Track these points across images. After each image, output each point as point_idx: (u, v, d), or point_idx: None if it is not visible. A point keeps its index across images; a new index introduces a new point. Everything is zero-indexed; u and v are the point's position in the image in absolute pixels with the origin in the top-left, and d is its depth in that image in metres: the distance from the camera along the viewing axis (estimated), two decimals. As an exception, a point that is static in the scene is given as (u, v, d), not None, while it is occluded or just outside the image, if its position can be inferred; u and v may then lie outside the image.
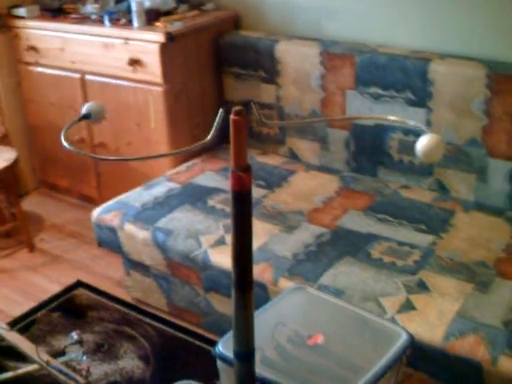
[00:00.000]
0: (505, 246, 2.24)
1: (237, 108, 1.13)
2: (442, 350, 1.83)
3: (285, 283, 2.15)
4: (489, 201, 2.53)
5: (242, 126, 1.14)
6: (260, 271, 2.21)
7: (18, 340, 1.98)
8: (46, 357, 1.86)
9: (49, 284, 2.90)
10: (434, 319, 1.91)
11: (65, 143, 1.27)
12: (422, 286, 2.05)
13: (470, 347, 1.82)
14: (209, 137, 1.24)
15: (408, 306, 1.97)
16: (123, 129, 3.12)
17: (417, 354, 1.80)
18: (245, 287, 1.22)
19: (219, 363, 1.45)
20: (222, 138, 3.22)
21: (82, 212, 3.44)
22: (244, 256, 1.20)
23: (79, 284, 2.88)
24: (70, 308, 2.74)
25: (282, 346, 1.48)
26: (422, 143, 1.26)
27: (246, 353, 1.28)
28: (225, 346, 1.45)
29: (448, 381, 1.87)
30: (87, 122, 3.16)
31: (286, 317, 1.52)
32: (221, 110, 1.19)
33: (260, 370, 1.32)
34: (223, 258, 2.30)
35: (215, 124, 1.19)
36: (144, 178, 2.99)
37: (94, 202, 3.45)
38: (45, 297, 2.81)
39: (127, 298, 2.77)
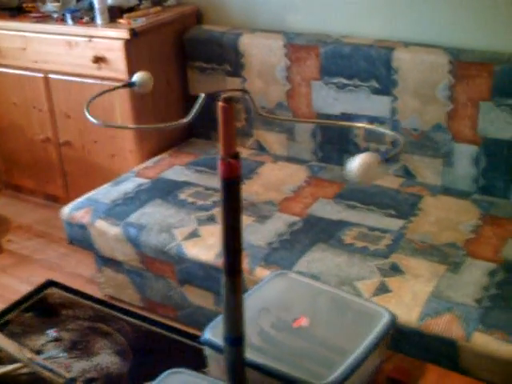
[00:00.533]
0: (473, 227, 2.29)
1: (226, 95, 1.14)
2: (418, 330, 1.88)
3: (261, 272, 2.17)
4: (455, 184, 2.59)
5: (231, 114, 1.15)
6: (235, 261, 2.23)
7: (-1, 339, 1.96)
8: (29, 354, 1.85)
9: (19, 284, 2.88)
10: (408, 300, 1.95)
11: (89, 116, 1.28)
12: (396, 269, 2.09)
13: (445, 326, 1.86)
14: (189, 118, 1.25)
15: (383, 289, 2.01)
16: (89, 127, 3.10)
17: (394, 334, 1.84)
18: (234, 272, 1.24)
19: (207, 350, 1.46)
20: (189, 132, 3.25)
21: (48, 212, 3.42)
22: (234, 241, 1.21)
23: (50, 283, 2.86)
24: (42, 307, 2.71)
25: (266, 332, 1.49)
26: (356, 163, 1.13)
27: (236, 337, 1.29)
28: (212, 333, 1.46)
29: (425, 359, 1.92)
30: (52, 120, 3.18)
31: (269, 302, 1.53)
32: (202, 94, 1.20)
33: (248, 354, 1.33)
34: (198, 251, 2.31)
35: (196, 107, 1.21)
36: (110, 175, 2.99)
37: (61, 202, 3.42)
38: (16, 297, 2.77)
39: (100, 295, 2.76)
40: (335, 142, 2.82)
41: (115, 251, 2.54)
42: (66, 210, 2.64)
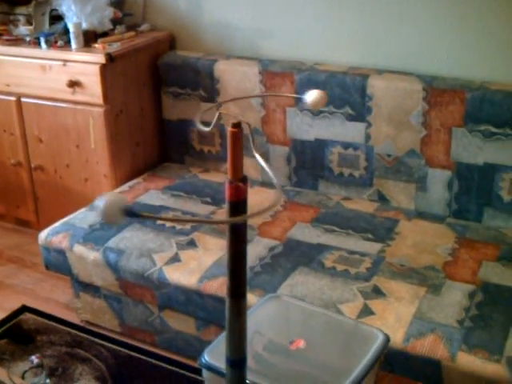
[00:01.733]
0: (450, 250, 2.35)
1: (235, 121, 1.17)
2: (403, 351, 1.92)
3: (244, 296, 2.19)
4: (429, 209, 2.65)
5: (240, 138, 1.18)
6: (218, 286, 2.24)
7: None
8: (19, 381, 1.83)
9: (-8, 311, 2.84)
10: (393, 322, 1.99)
11: (200, 126, 1.30)
12: (378, 292, 2.13)
13: (430, 346, 1.91)
14: (209, 128, 1.30)
15: (367, 311, 2.05)
16: (61, 151, 3.09)
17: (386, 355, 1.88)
18: (239, 295, 1.26)
19: (206, 373, 1.48)
20: (163, 156, 3.26)
21: (19, 237, 3.37)
22: (239, 264, 1.24)
23: (25, 309, 2.82)
24: (17, 333, 2.67)
25: (260, 354, 1.52)
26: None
27: (238, 360, 1.31)
28: (211, 356, 1.48)
29: (411, 378, 1.96)
30: (24, 144, 3.15)
31: (262, 325, 1.55)
32: (219, 110, 1.25)
33: (247, 377, 1.35)
34: (180, 275, 2.32)
35: (214, 119, 1.26)
36: (83, 200, 2.98)
37: (32, 227, 3.40)
38: (-11, 324, 2.74)
39: (76, 321, 2.73)
40: (309, 166, 2.87)
41: (94, 276, 2.53)
42: (43, 235, 2.62)
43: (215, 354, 1.47)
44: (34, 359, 2.06)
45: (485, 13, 2.52)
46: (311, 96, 1.43)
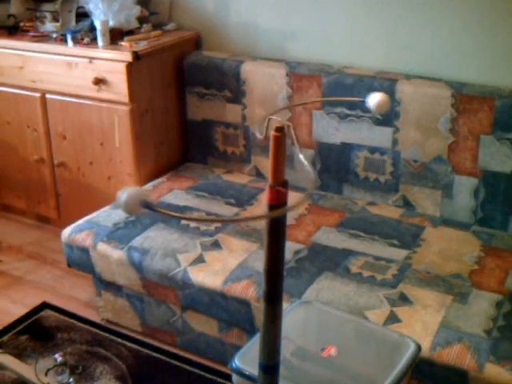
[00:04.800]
0: (476, 258, 2.33)
1: (278, 125, 1.16)
2: (430, 360, 1.90)
3: (269, 299, 2.18)
4: (455, 216, 2.63)
5: (282, 142, 1.17)
6: (243, 288, 2.23)
7: (11, 361, 1.92)
8: (45, 379, 1.82)
9: (13, 306, 2.83)
10: (419, 330, 1.97)
11: (257, 133, 1.31)
12: (404, 299, 2.11)
13: (457, 356, 1.89)
14: (262, 136, 1.29)
15: (393, 319, 2.03)
16: (85, 148, 3.09)
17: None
18: (275, 300, 1.25)
19: (236, 378, 1.47)
20: (185, 156, 3.25)
21: (40, 233, 3.38)
22: (276, 268, 1.23)
23: (45, 305, 2.82)
24: (37, 330, 2.67)
25: (290, 361, 1.50)
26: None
27: (272, 365, 1.30)
28: (242, 361, 1.47)
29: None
30: (47, 141, 3.16)
31: (293, 331, 1.54)
32: (269, 116, 1.24)
33: (280, 383, 1.34)
34: (204, 277, 2.31)
35: (265, 126, 1.25)
36: (105, 198, 2.98)
37: (53, 224, 3.41)
38: (10, 319, 2.73)
39: (97, 319, 2.73)
40: (334, 170, 2.85)
41: (117, 275, 2.53)
42: (66, 232, 2.62)
43: (246, 359, 1.46)
44: (58, 357, 2.06)
45: (517, 20, 2.50)
46: (374, 99, 1.40)
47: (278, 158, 1.19)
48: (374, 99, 1.40)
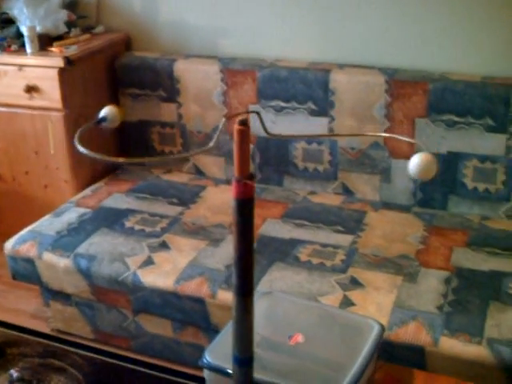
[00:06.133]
0: (420, 238, 2.40)
1: (241, 118, 1.17)
2: (387, 340, 1.95)
3: (224, 295, 2.19)
4: (394, 199, 2.70)
5: (247, 136, 1.18)
6: (196, 286, 2.23)
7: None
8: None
9: (-45, 325, 2.76)
10: (374, 312, 2.02)
11: (80, 147, 1.27)
12: (355, 283, 2.16)
13: (413, 333, 1.95)
14: (211, 143, 1.28)
15: (347, 303, 2.07)
16: (20, 157, 3.02)
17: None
18: (246, 292, 1.26)
19: (208, 374, 1.47)
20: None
21: (-24, 248, 3.29)
22: (246, 261, 1.24)
23: (-9, 321, 2.76)
24: (-15, 347, 2.61)
25: (260, 352, 1.50)
26: (414, 162, 1.28)
27: (246, 358, 1.31)
28: (212, 356, 1.47)
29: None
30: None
31: (258, 323, 1.54)
32: (223, 119, 1.24)
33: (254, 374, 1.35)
34: (155, 278, 2.30)
35: (218, 132, 1.24)
36: (44, 208, 2.91)
37: (-10, 237, 3.31)
38: (-47, 339, 2.66)
39: (46, 330, 2.68)
40: (274, 163, 2.88)
41: (64, 284, 2.49)
42: (9, 245, 2.55)
43: (216, 354, 1.46)
44: (14, 373, 2.01)
45: (442, 3, 2.58)
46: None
47: (243, 152, 1.19)
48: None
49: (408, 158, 2.58)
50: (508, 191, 2.52)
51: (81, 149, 1.29)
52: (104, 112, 1.46)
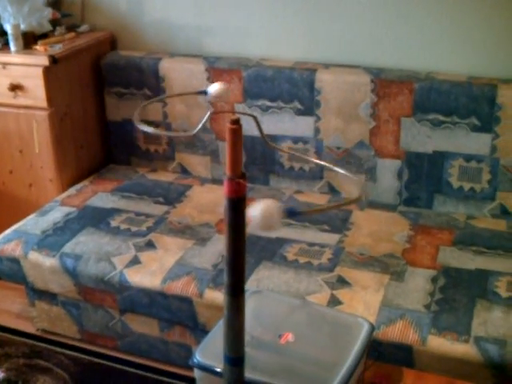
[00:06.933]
0: (406, 237, 2.42)
1: (234, 117, 1.17)
2: (375, 339, 1.95)
3: (211, 294, 2.19)
4: (380, 198, 2.71)
5: (240, 135, 1.18)
6: (183, 286, 2.23)
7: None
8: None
9: None
10: (362, 311, 2.03)
11: (141, 125, 1.28)
12: (343, 281, 2.17)
13: (401, 332, 1.96)
14: (194, 131, 1.29)
15: (335, 302, 2.08)
16: (4, 156, 2.99)
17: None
18: (237, 292, 1.26)
19: (198, 373, 1.46)
20: (108, 158, 3.20)
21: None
22: (238, 261, 1.24)
23: (-25, 322, 2.74)
24: (-31, 348, 2.59)
25: (251, 351, 1.50)
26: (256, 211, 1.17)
27: (237, 357, 1.31)
28: (202, 355, 1.47)
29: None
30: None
31: (248, 322, 1.55)
32: (209, 112, 1.24)
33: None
34: (141, 277, 2.29)
35: (203, 121, 1.25)
36: (29, 207, 2.90)
37: (-26, 237, 3.28)
38: None
39: (32, 330, 2.66)
40: (259, 162, 2.88)
41: (50, 283, 2.47)
42: (-6, 244, 2.54)
43: (207, 354, 1.47)
44: (0, 373, 1.99)
45: (428, 3, 2.59)
46: (214, 88, 1.45)
47: (236, 151, 1.19)
48: (214, 88, 1.43)
49: (395, 157, 2.63)
50: (493, 190, 2.54)
51: (142, 127, 1.37)
52: (213, 86, 1.48)
